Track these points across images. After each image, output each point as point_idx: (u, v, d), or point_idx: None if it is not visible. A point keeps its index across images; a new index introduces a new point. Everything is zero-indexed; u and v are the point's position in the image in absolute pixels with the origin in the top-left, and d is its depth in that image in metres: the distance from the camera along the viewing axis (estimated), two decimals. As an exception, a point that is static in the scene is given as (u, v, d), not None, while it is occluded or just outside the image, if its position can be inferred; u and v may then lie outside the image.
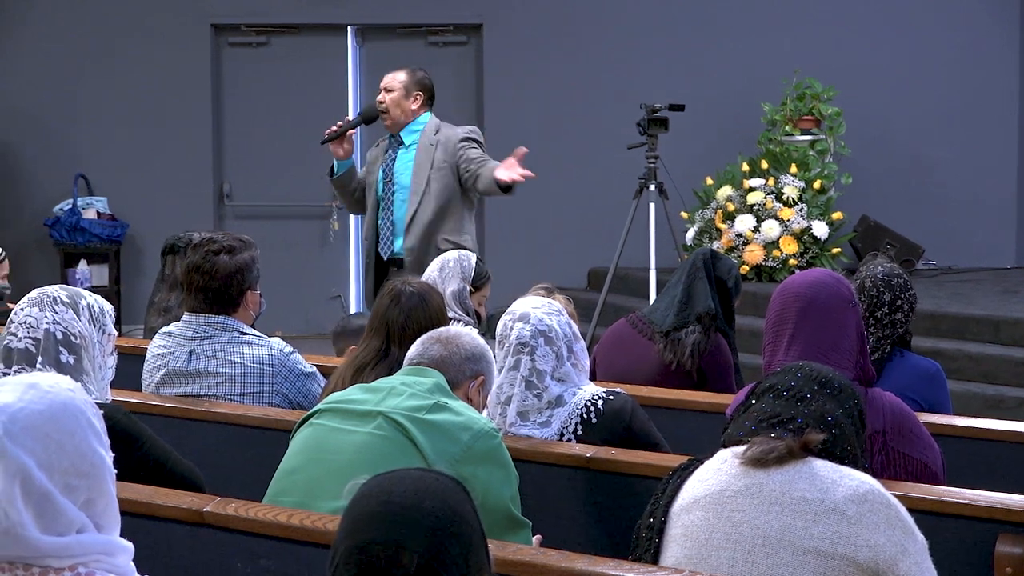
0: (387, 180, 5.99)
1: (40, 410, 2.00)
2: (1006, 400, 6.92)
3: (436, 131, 5.99)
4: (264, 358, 4.08)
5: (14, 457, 1.96)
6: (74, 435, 2.01)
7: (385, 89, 6.01)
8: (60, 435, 2.00)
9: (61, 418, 2.01)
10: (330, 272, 10.22)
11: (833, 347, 3.18)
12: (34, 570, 1.97)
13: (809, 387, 2.61)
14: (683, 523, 2.58)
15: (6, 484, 1.95)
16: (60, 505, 1.97)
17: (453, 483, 1.98)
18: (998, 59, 9.83)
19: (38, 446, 1.98)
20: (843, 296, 3.26)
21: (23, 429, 1.98)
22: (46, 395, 2.03)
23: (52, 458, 1.98)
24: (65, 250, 9.85)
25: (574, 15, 9.98)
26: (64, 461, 1.99)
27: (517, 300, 3.79)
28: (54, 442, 1.99)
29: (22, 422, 1.98)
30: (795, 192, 8.75)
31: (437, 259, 4.87)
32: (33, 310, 3.19)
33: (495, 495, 3.04)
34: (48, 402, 2.02)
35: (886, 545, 2.45)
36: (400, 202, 5.95)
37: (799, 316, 3.21)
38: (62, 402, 2.03)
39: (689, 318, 4.55)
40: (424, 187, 5.89)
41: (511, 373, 3.55)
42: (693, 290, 4.59)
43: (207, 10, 10.08)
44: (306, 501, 3.00)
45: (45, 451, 1.98)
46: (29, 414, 1.99)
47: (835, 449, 2.55)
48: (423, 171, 5.91)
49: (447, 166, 5.91)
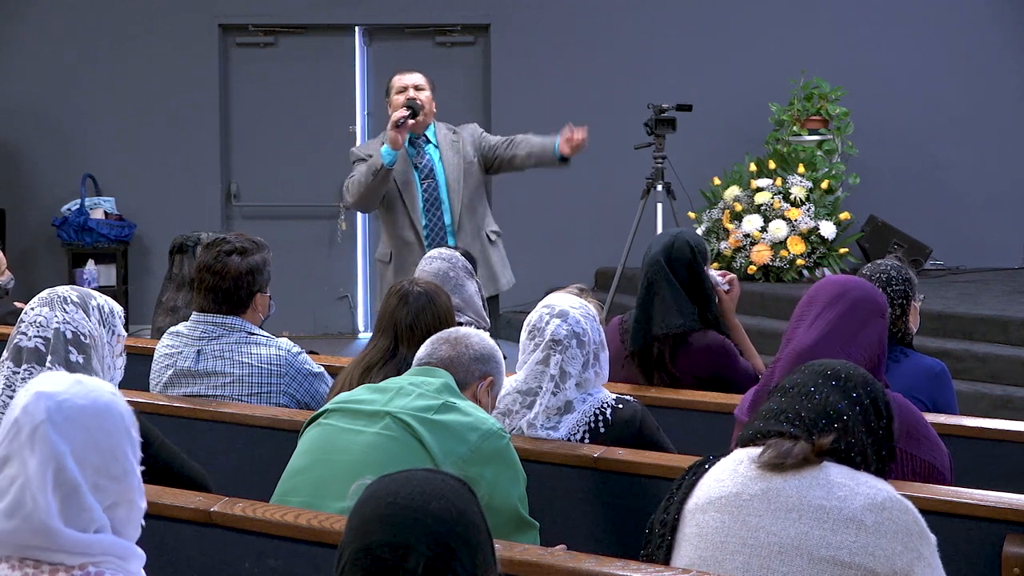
0: (426, 179, 6.03)
1: (84, 405, 2.02)
2: (1014, 400, 6.90)
3: (452, 131, 6.10)
4: (272, 358, 4.09)
5: (53, 444, 1.98)
6: (111, 436, 2.02)
7: (417, 87, 6.02)
8: (98, 433, 2.01)
9: (103, 417, 2.03)
10: (337, 272, 10.23)
11: (852, 338, 3.20)
12: (44, 568, 1.97)
13: (814, 381, 2.61)
14: (697, 523, 2.57)
15: (39, 469, 1.96)
16: (86, 501, 1.98)
17: (459, 484, 1.98)
18: (1006, 59, 9.81)
19: (77, 438, 1.99)
20: (877, 302, 3.31)
21: (66, 419, 2.00)
22: (91, 392, 2.05)
23: (87, 453, 1.99)
24: (73, 250, 9.87)
25: (582, 15, 9.98)
26: (97, 459, 2.00)
27: (553, 293, 3.76)
28: (92, 439, 2.00)
29: (66, 412, 2.00)
30: (802, 192, 8.75)
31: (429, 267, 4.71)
32: (43, 310, 3.21)
33: (503, 495, 3.04)
34: (92, 399, 2.04)
35: (903, 553, 2.44)
36: (444, 200, 6.01)
37: (829, 301, 3.27)
38: (105, 402, 2.05)
39: (648, 338, 4.36)
40: (462, 183, 6.00)
41: (538, 367, 3.53)
42: (651, 309, 4.37)
43: (215, 11, 10.09)
44: (314, 501, 3.01)
45: (82, 445, 1.99)
46: (73, 406, 2.01)
47: (840, 443, 2.54)
48: (458, 167, 6.02)
49: (476, 159, 6.05)
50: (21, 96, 10.07)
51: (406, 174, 6.01)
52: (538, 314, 3.58)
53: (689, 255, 4.43)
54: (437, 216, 6.02)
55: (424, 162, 6.03)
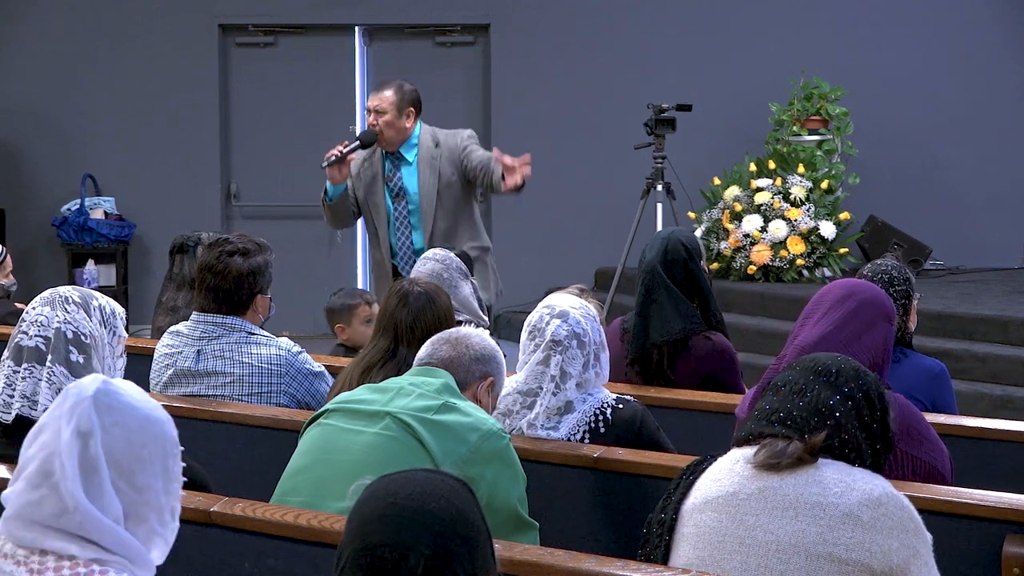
0: (397, 198, 5.90)
1: (134, 404, 2.04)
2: (1014, 400, 6.90)
3: (435, 143, 5.89)
4: (272, 358, 4.09)
5: (88, 419, 1.99)
6: (146, 445, 2.03)
7: (375, 111, 5.87)
8: (135, 435, 2.02)
9: (147, 424, 2.04)
10: (337, 272, 10.22)
11: (856, 338, 3.21)
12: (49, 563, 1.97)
13: (805, 378, 2.61)
14: (695, 523, 2.58)
15: (70, 440, 1.97)
16: (106, 487, 1.98)
17: (459, 484, 1.98)
18: (1006, 59, 9.81)
19: (113, 426, 2.00)
20: (885, 306, 3.31)
21: (110, 406, 2.01)
22: (148, 401, 2.07)
23: (116, 445, 2.00)
24: (73, 250, 9.87)
25: (582, 15, 9.98)
26: (123, 459, 2.00)
27: (553, 294, 3.76)
28: (126, 436, 2.01)
29: (113, 399, 2.02)
30: (802, 192, 8.75)
31: (423, 268, 4.71)
32: (45, 309, 3.21)
33: (503, 496, 3.04)
34: (148, 410, 2.05)
35: (900, 549, 2.45)
36: (416, 221, 5.88)
37: (835, 301, 3.28)
38: (157, 416, 2.06)
39: (647, 345, 4.36)
40: (436, 203, 5.83)
41: (539, 368, 3.53)
42: (650, 316, 4.37)
43: (215, 10, 10.10)
44: (314, 501, 3.01)
45: (115, 435, 2.00)
46: (123, 399, 2.03)
47: (834, 440, 2.54)
48: (432, 188, 5.84)
49: (456, 177, 5.86)
50: (21, 96, 10.08)
51: (376, 194, 5.92)
52: (538, 314, 3.58)
53: (684, 254, 4.44)
54: (406, 236, 5.91)
55: (395, 181, 5.91)
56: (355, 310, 5.63)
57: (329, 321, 5.70)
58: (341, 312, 5.65)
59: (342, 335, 5.62)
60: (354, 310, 5.63)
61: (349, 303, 5.66)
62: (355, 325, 5.61)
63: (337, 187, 5.89)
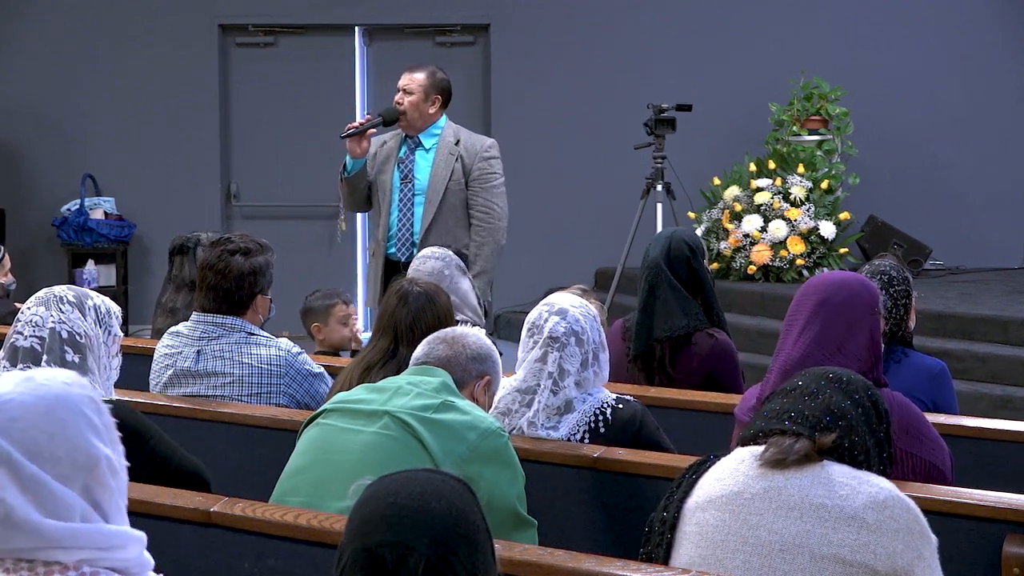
0: (405, 181, 5.85)
1: (29, 402, 2.01)
2: (1014, 400, 6.90)
3: (456, 140, 5.86)
4: (272, 359, 4.09)
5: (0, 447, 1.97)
6: (66, 427, 2.01)
7: (404, 90, 5.81)
8: (51, 426, 2.00)
9: (53, 410, 2.01)
10: (337, 273, 10.22)
11: (839, 347, 3.19)
12: (39, 569, 1.96)
13: (816, 383, 2.61)
14: (697, 521, 2.57)
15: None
16: (57, 491, 1.97)
17: (459, 484, 1.98)
18: (1006, 59, 9.81)
19: (25, 436, 1.97)
20: (863, 300, 3.26)
21: (9, 419, 1.98)
22: (39, 388, 2.03)
23: (41, 448, 1.98)
24: (72, 250, 9.87)
25: (582, 15, 9.98)
26: (56, 451, 1.99)
27: (554, 293, 3.76)
28: (44, 433, 1.99)
29: (8, 412, 1.99)
30: (802, 192, 8.75)
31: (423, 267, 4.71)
32: (39, 309, 3.21)
33: (501, 494, 3.04)
34: (40, 395, 2.02)
35: (904, 552, 2.44)
36: (419, 207, 5.84)
37: (812, 311, 3.23)
38: (55, 395, 2.03)
39: (651, 341, 4.38)
40: (442, 196, 5.80)
41: (537, 365, 3.52)
42: (653, 312, 4.39)
43: (215, 10, 10.10)
44: (313, 501, 3.00)
45: (33, 441, 1.98)
46: (17, 405, 2.00)
47: (844, 440, 2.54)
48: (442, 180, 5.81)
49: (463, 182, 5.82)
50: (21, 96, 10.07)
51: (385, 172, 5.87)
52: (538, 312, 3.59)
53: (688, 252, 4.46)
54: (407, 222, 5.85)
55: (407, 163, 5.86)
56: (332, 309, 5.63)
57: (305, 322, 5.68)
58: (318, 311, 5.65)
59: (319, 334, 5.62)
60: (331, 309, 5.63)
61: (326, 303, 5.67)
62: (332, 324, 5.61)
63: (356, 161, 5.81)
